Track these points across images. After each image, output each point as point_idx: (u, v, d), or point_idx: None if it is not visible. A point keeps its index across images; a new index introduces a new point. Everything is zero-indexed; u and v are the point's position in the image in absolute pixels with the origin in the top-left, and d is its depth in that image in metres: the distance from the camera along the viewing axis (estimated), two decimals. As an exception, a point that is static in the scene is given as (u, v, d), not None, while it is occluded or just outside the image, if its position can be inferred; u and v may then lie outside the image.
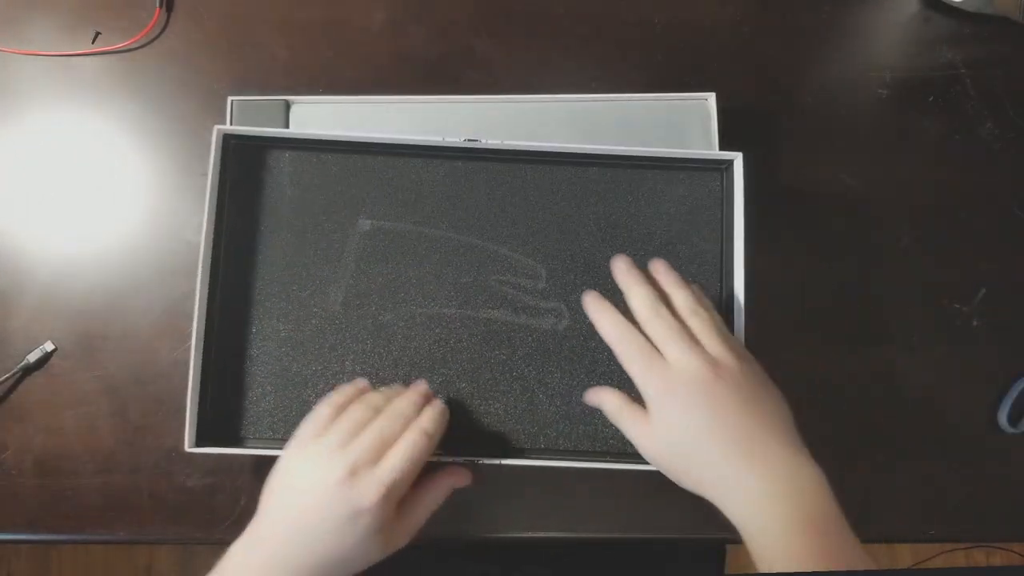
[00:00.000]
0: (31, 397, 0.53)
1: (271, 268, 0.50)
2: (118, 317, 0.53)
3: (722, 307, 0.50)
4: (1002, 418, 0.53)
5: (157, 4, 0.57)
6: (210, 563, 0.44)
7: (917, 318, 0.55)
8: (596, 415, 0.49)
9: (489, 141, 0.49)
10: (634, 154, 0.51)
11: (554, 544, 0.53)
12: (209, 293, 0.49)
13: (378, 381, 0.49)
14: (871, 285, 0.56)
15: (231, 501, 0.52)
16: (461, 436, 0.49)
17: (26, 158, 0.56)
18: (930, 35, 0.59)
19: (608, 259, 0.50)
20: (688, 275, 0.50)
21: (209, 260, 0.49)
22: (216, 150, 0.49)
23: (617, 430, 0.48)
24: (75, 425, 0.52)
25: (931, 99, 0.58)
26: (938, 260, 0.56)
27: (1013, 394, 0.54)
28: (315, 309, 0.50)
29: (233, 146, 0.50)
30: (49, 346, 0.53)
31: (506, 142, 0.50)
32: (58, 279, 0.54)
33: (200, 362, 0.48)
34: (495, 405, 0.50)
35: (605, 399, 0.46)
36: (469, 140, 0.49)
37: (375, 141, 0.50)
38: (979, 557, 1.38)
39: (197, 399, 0.47)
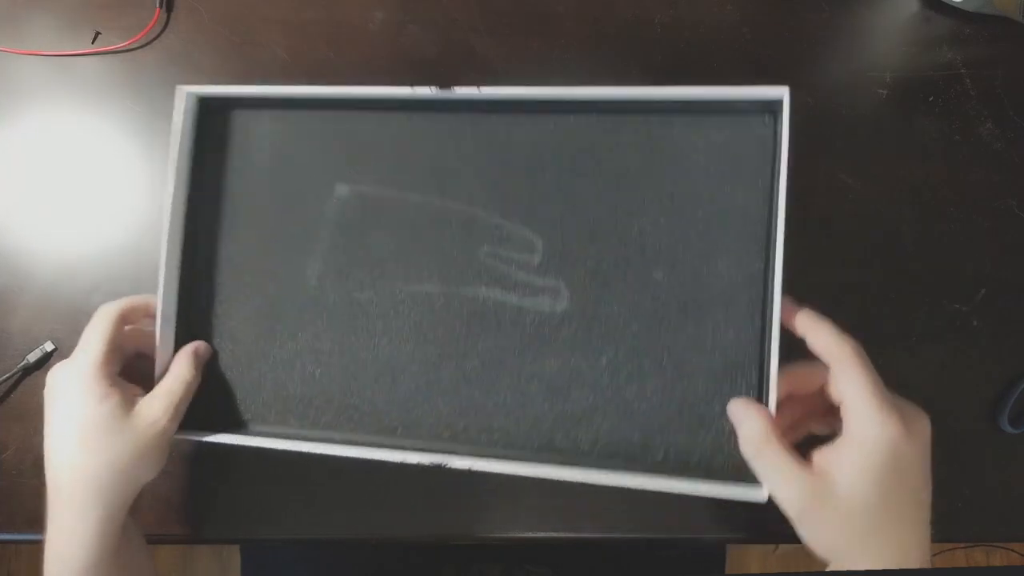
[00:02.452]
0: (31, 397, 0.53)
1: (242, 240, 0.46)
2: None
3: (770, 287, 0.41)
4: (1002, 418, 0.53)
5: (157, 4, 0.57)
6: (210, 565, 0.44)
7: (917, 318, 0.55)
8: (596, 414, 0.43)
9: (460, 90, 0.43)
10: (650, 97, 0.42)
11: (554, 544, 0.53)
12: (180, 268, 0.45)
13: (356, 364, 0.46)
14: (871, 285, 0.55)
15: (232, 501, 0.52)
16: (443, 428, 0.45)
17: (26, 158, 0.56)
18: (930, 35, 0.59)
19: (616, 226, 0.43)
20: (721, 247, 0.42)
21: (180, 235, 0.45)
22: (183, 113, 0.44)
23: (624, 435, 0.43)
24: (75, 425, 0.52)
25: (931, 99, 0.58)
26: (938, 260, 0.56)
27: (1013, 394, 0.53)
28: (288, 284, 0.46)
29: (199, 107, 0.46)
30: (49, 346, 0.53)
31: (483, 90, 0.43)
32: (58, 279, 0.54)
33: (171, 346, 0.45)
34: (482, 398, 0.44)
35: (755, 419, 0.38)
36: (441, 89, 0.43)
37: (329, 97, 0.45)
38: (979, 557, 1.38)
39: None
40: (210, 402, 0.46)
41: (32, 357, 0.52)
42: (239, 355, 0.47)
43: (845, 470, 0.36)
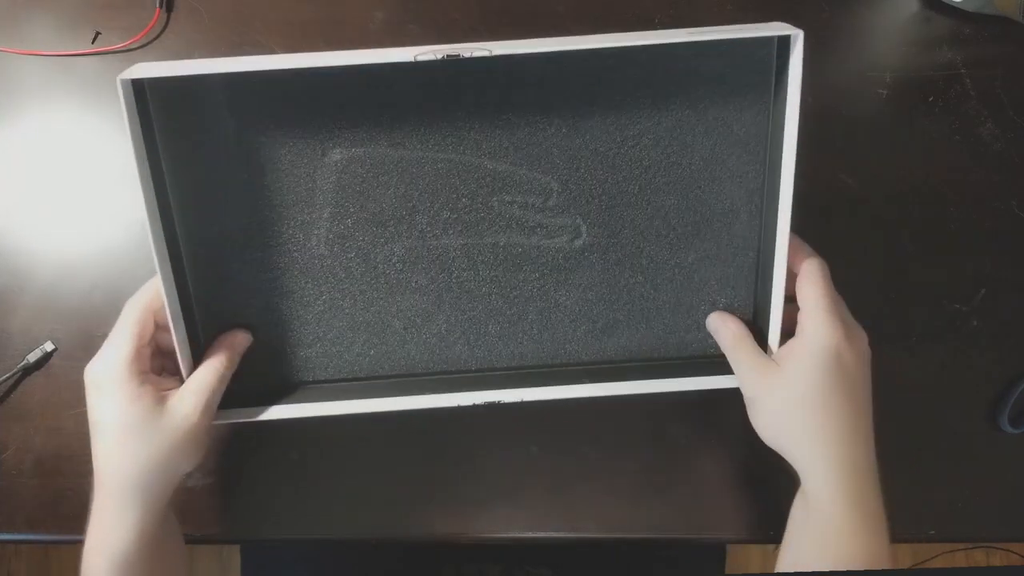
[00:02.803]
0: (31, 397, 0.53)
1: (239, 220, 0.45)
2: (118, 317, 0.53)
3: (762, 226, 0.46)
4: (1002, 418, 0.53)
5: (157, 4, 0.57)
6: (210, 565, 0.44)
7: (917, 318, 0.55)
8: (617, 328, 0.47)
9: (467, 53, 0.39)
10: (662, 42, 0.40)
11: (554, 544, 0.53)
12: (173, 269, 0.43)
13: (381, 319, 0.47)
14: (870, 285, 0.55)
15: (232, 501, 0.52)
16: (475, 362, 0.48)
17: (26, 158, 0.56)
18: (930, 35, 0.59)
19: (627, 159, 0.45)
20: (726, 170, 0.45)
21: (161, 233, 0.42)
22: (128, 105, 0.40)
23: (642, 341, 0.48)
24: (75, 425, 0.52)
25: (931, 99, 0.58)
26: (938, 260, 0.56)
27: (1013, 394, 0.54)
28: (295, 255, 0.45)
29: (153, 94, 0.42)
30: (49, 346, 0.53)
31: (495, 51, 0.39)
32: (58, 279, 0.54)
33: (186, 340, 0.44)
34: (510, 329, 0.47)
35: (728, 326, 0.46)
36: (449, 55, 0.39)
37: (313, 68, 0.41)
38: (979, 557, 1.38)
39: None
40: (238, 382, 0.46)
41: (32, 357, 0.52)
42: (264, 338, 0.47)
43: (793, 360, 0.42)
